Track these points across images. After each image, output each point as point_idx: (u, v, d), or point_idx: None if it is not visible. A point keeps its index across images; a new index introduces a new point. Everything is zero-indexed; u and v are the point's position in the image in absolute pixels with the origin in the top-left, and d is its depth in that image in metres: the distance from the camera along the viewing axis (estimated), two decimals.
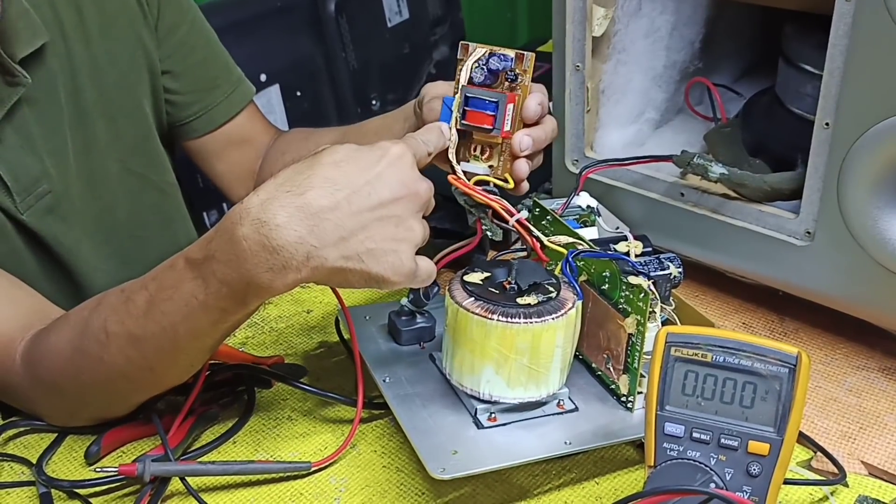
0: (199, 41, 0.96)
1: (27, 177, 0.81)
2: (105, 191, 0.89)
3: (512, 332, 0.63)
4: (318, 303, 0.90)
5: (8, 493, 0.69)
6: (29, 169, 0.81)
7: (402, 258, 0.60)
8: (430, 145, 0.68)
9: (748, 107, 0.93)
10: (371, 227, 0.59)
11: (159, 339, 0.65)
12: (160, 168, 0.96)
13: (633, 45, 0.89)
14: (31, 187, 0.81)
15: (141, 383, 0.70)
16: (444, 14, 1.72)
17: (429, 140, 0.68)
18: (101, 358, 0.67)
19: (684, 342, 0.57)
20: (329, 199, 0.58)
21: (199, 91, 0.96)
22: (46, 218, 0.83)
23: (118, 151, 0.90)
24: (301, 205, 0.58)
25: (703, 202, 0.83)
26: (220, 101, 0.97)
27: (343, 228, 0.58)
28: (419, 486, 0.69)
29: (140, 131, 0.92)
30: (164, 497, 0.67)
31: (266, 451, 0.73)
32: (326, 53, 1.51)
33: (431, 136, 0.69)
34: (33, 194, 0.81)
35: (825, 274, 0.77)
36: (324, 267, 0.58)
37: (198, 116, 0.96)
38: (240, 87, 0.99)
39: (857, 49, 0.68)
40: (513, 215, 0.69)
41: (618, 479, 0.69)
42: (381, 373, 0.72)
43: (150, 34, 0.91)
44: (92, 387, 0.70)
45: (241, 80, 1.00)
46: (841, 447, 0.71)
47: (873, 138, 0.70)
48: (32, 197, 0.81)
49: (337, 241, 0.58)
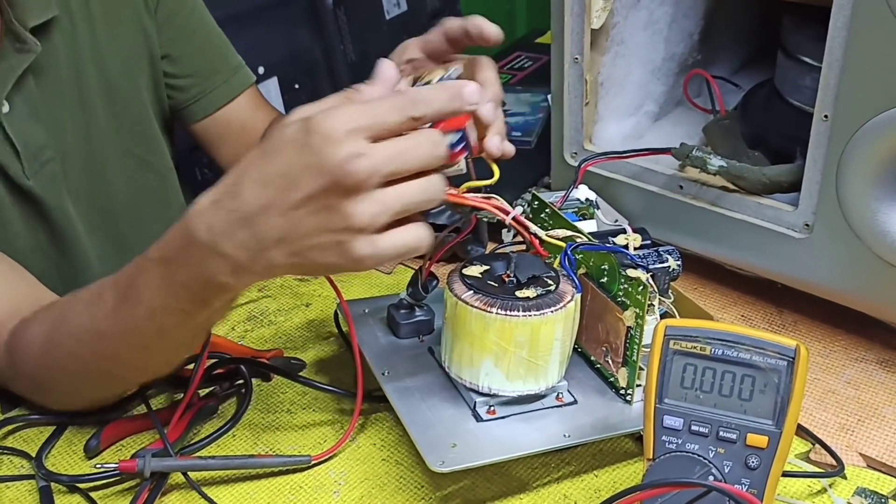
0: (199, 27, 0.97)
1: (35, 144, 0.83)
2: (103, 171, 0.91)
3: (511, 325, 0.63)
4: (317, 296, 0.90)
5: (8, 486, 0.69)
6: (36, 136, 0.83)
7: (347, 248, 0.53)
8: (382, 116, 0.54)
9: (747, 99, 0.93)
10: (304, 222, 0.54)
11: (127, 337, 0.64)
12: (159, 152, 0.97)
13: (632, 37, 0.89)
14: (38, 154, 0.83)
15: (113, 378, 0.71)
16: (443, 6, 1.72)
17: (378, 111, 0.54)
18: (73, 352, 0.68)
19: (683, 335, 0.57)
20: (259, 200, 0.54)
21: (198, 75, 0.97)
22: (50, 186, 0.85)
23: (118, 134, 0.91)
24: (235, 208, 0.55)
25: (701, 195, 0.83)
26: (218, 85, 0.98)
27: (279, 229, 0.54)
28: (418, 479, 0.69)
29: (140, 115, 0.94)
30: (164, 490, 0.67)
31: (265, 444, 0.73)
32: (325, 46, 1.50)
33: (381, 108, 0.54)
34: (39, 161, 0.83)
35: (824, 266, 0.77)
36: (275, 266, 0.56)
37: (197, 100, 0.98)
38: (239, 73, 1.01)
39: (856, 41, 0.68)
40: (508, 213, 0.69)
41: (617, 471, 0.69)
42: (380, 366, 0.72)
43: (151, 20, 0.92)
44: (65, 379, 0.70)
45: (240, 67, 1.01)
46: (839, 439, 0.71)
47: (872, 130, 0.70)
48: (38, 163, 0.83)
49: (277, 243, 0.55)
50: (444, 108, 0.56)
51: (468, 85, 0.57)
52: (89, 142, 0.88)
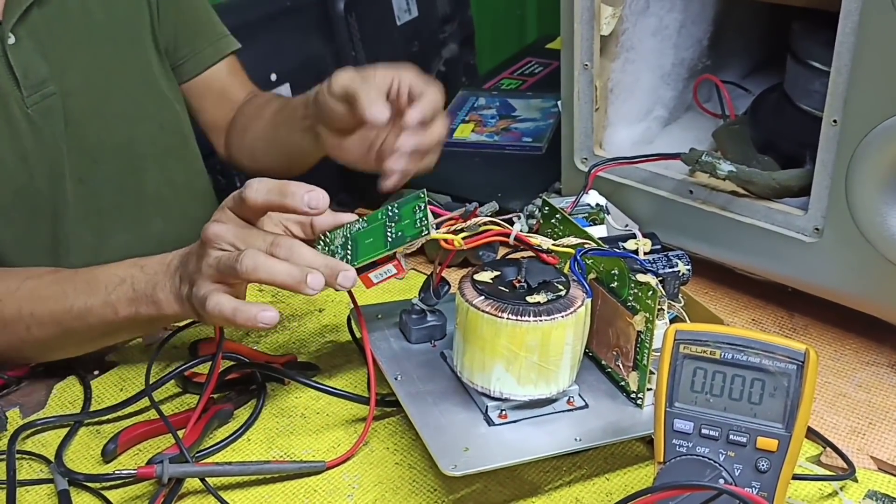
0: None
1: (36, 76, 0.86)
2: (104, 112, 0.93)
3: (522, 329, 0.64)
4: (331, 301, 0.90)
5: (28, 490, 0.70)
6: (38, 69, 0.86)
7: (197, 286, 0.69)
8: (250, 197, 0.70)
9: (756, 104, 0.93)
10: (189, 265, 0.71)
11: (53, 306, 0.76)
12: (161, 101, 1.00)
13: (642, 43, 0.89)
14: (39, 86, 0.87)
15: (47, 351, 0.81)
16: (453, 12, 1.72)
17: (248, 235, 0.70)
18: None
19: (693, 339, 0.57)
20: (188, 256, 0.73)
21: (186, 37, 1.02)
22: (50, 119, 0.88)
23: (121, 77, 0.95)
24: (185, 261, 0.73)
25: (711, 199, 0.83)
26: (205, 47, 1.04)
27: (189, 269, 0.71)
28: (431, 483, 0.69)
29: (143, 61, 0.97)
30: (181, 495, 0.68)
31: (279, 448, 0.73)
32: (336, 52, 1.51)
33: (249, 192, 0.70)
34: (39, 93, 0.87)
35: (834, 270, 0.77)
36: (181, 295, 0.72)
37: (187, 59, 1.03)
38: (226, 38, 1.06)
39: (865, 46, 0.68)
40: (509, 234, 0.69)
41: (628, 475, 0.69)
42: (393, 371, 0.72)
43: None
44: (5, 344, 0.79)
45: (226, 34, 1.06)
46: (850, 442, 0.71)
47: (881, 135, 0.70)
48: (38, 95, 0.87)
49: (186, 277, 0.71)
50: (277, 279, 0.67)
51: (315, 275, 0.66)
52: (93, 81, 0.91)
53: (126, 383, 0.81)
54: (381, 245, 0.68)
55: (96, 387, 0.81)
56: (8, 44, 0.83)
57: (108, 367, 0.83)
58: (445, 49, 1.74)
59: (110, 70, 0.93)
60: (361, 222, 0.71)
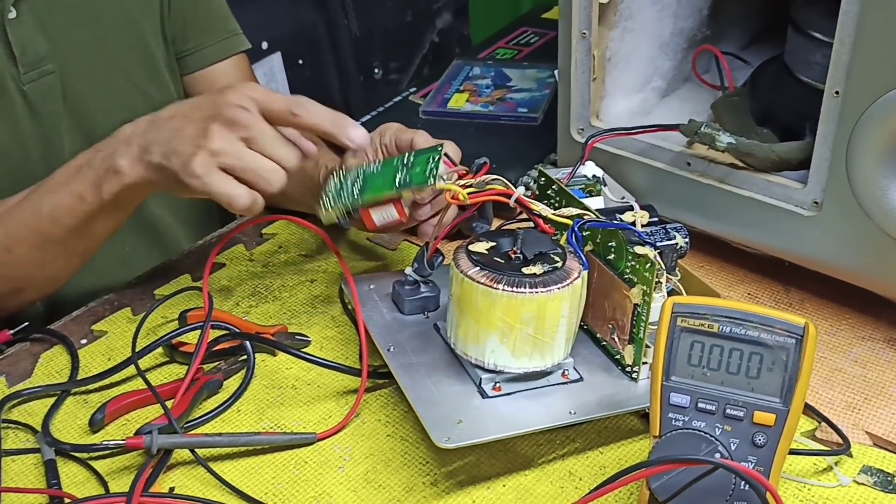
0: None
1: (34, 53, 0.86)
2: (104, 94, 0.92)
3: (517, 301, 0.63)
4: (322, 272, 0.89)
5: (14, 460, 0.70)
6: (37, 46, 0.86)
7: (191, 159, 0.68)
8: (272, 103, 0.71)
9: (756, 75, 0.92)
10: (183, 131, 0.70)
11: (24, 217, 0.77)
12: (163, 89, 0.99)
13: (640, 12, 0.88)
14: (37, 63, 0.86)
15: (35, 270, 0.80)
16: None
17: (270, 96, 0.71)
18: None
19: (691, 312, 0.57)
20: (169, 113, 0.73)
21: (194, 30, 1.01)
22: (47, 97, 0.87)
23: (124, 61, 0.94)
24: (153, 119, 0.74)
25: (709, 172, 0.82)
26: (212, 43, 1.02)
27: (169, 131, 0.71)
28: (423, 455, 0.69)
29: (147, 47, 0.96)
30: (169, 466, 0.68)
31: (270, 419, 0.73)
32: (328, 21, 1.49)
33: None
34: (37, 70, 0.86)
35: (832, 244, 0.76)
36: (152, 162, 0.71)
37: (191, 53, 1.01)
38: (235, 37, 1.04)
39: (868, 16, 0.67)
40: (511, 196, 0.68)
41: (622, 448, 0.69)
42: (386, 342, 0.72)
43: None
44: None
45: (238, 33, 1.04)
46: (846, 418, 0.71)
47: (884, 107, 0.69)
48: (36, 72, 0.86)
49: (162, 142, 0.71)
50: (321, 125, 0.70)
51: (357, 128, 0.71)
52: (95, 63, 0.90)
53: (114, 353, 0.80)
54: (389, 186, 0.71)
55: (83, 356, 0.80)
56: (8, 18, 0.82)
57: (95, 336, 0.82)
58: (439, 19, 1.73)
59: (113, 53, 0.92)
60: (377, 165, 0.74)
